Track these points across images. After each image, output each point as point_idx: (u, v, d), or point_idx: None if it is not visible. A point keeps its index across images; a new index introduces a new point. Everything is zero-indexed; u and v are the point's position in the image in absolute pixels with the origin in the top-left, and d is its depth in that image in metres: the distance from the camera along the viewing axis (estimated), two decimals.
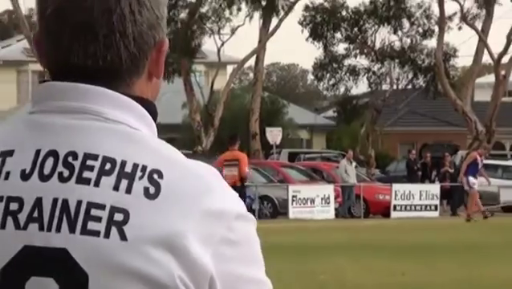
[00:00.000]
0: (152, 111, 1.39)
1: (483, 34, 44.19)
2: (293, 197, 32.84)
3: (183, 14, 44.32)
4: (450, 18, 45.68)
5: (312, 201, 33.30)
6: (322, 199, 33.51)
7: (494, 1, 45.08)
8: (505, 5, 46.88)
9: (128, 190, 1.31)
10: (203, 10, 44.13)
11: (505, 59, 45.39)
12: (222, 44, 45.34)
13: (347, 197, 34.27)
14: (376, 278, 14.80)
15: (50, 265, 1.30)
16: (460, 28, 46.60)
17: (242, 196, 20.60)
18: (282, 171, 36.73)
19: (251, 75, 52.21)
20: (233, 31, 45.13)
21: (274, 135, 43.45)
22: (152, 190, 1.31)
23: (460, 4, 44.77)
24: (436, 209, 34.96)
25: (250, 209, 26.09)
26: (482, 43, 43.94)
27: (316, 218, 32.05)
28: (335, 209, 33.58)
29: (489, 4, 44.40)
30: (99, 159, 1.33)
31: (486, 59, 47.18)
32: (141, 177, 1.32)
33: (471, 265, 16.63)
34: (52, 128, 1.37)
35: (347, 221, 31.89)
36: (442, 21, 45.04)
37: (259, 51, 44.12)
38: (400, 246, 20.89)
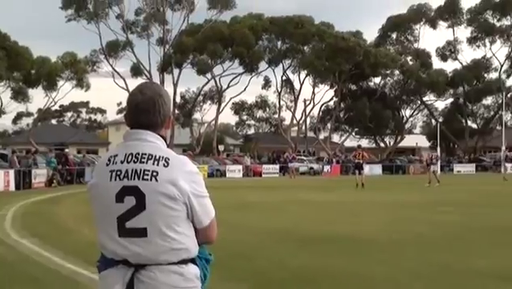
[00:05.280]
0: (165, 139, 2.61)
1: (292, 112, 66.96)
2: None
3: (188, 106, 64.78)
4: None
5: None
6: None
7: (298, 97, 66.20)
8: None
9: (157, 164, 2.52)
10: (196, 104, 64.73)
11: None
12: (203, 115, 67.86)
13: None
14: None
15: (132, 191, 2.50)
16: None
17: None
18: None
19: (213, 126, 67.31)
20: (204, 111, 68.43)
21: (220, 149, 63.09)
22: (165, 164, 2.50)
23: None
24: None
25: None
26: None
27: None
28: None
29: (296, 100, 66.77)
30: (147, 154, 2.54)
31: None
32: (162, 160, 2.53)
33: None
34: (130, 146, 2.59)
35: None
36: (279, 110, 68.64)
37: (216, 119, 65.48)
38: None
